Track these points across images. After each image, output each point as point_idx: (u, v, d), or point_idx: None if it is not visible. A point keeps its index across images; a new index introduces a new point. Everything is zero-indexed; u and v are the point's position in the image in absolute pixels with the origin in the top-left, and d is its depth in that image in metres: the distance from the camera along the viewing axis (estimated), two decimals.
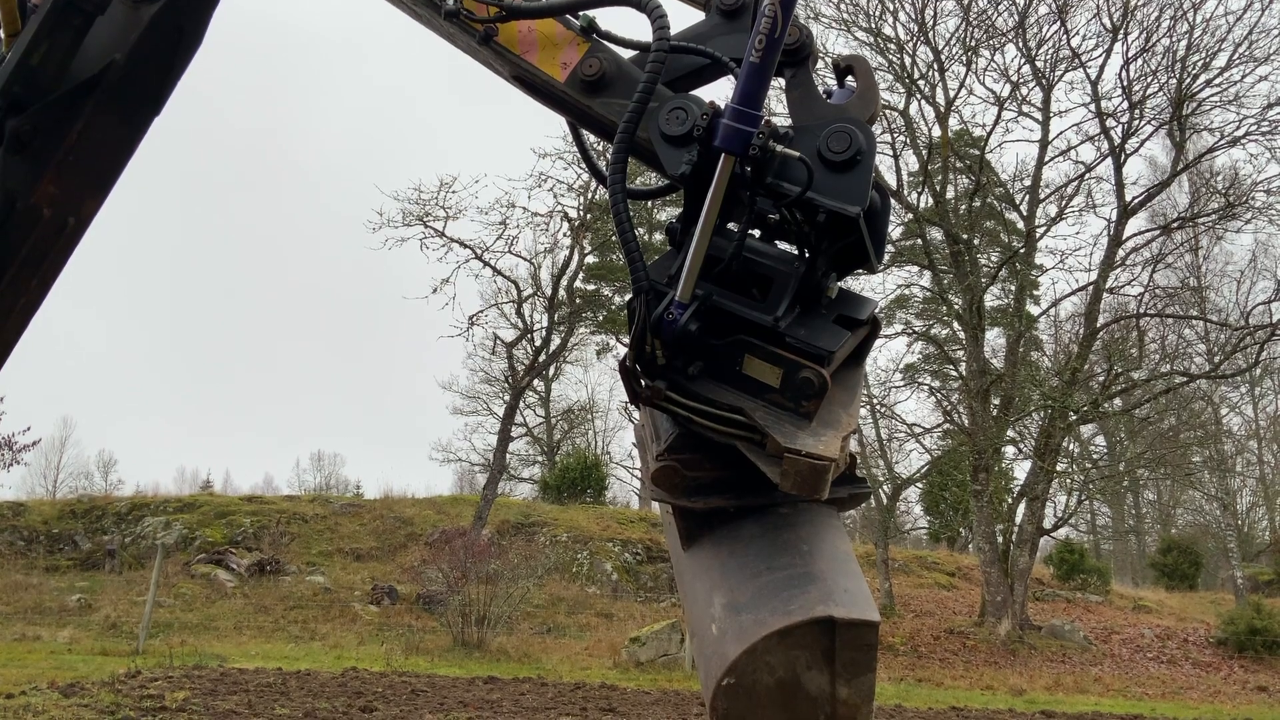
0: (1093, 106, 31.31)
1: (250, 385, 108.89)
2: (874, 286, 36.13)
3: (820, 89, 2.30)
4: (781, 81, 2.30)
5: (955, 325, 34.75)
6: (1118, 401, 33.24)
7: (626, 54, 2.40)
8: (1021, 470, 37.18)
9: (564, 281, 39.52)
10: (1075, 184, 32.52)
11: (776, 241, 2.30)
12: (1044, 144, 32.43)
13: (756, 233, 2.28)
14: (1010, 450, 35.76)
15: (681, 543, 2.28)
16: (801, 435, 2.03)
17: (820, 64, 2.44)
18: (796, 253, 2.25)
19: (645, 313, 2.12)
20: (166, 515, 34.84)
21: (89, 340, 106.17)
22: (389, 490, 53.11)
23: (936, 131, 32.34)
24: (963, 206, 33.29)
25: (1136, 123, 31.05)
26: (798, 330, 2.15)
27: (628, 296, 2.19)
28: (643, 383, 2.18)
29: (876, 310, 2.33)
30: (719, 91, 2.43)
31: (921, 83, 31.88)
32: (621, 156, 2.20)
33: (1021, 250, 32.74)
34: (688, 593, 2.33)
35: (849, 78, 2.31)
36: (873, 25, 31.45)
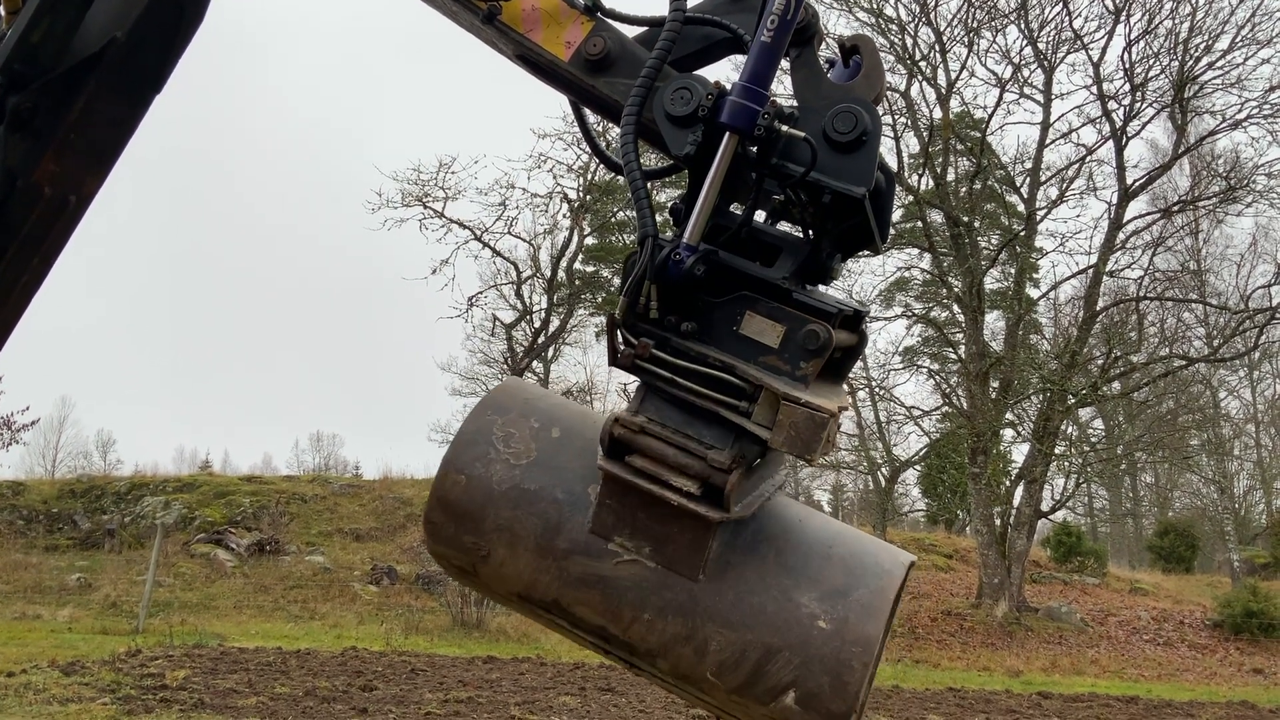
0: (1094, 89, 31.27)
1: (249, 366, 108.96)
2: (874, 269, 36.19)
3: (824, 68, 2.29)
4: (786, 62, 2.29)
5: (955, 308, 34.73)
6: (1116, 385, 33.27)
7: (631, 33, 2.39)
8: (1020, 453, 37.31)
9: (563, 263, 39.52)
10: (1076, 167, 32.49)
11: (780, 223, 2.30)
12: (1045, 126, 32.39)
13: (761, 216, 2.27)
14: (1009, 433, 35.83)
15: (703, 567, 2.12)
16: (797, 392, 2.00)
17: (823, 46, 2.40)
18: (800, 235, 2.24)
19: (649, 258, 2.07)
20: (166, 495, 34.90)
21: (87, 320, 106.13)
22: (388, 471, 53.07)
23: (938, 113, 32.30)
24: (963, 189, 33.24)
25: (1138, 105, 31.01)
26: (803, 292, 2.12)
27: (630, 252, 2.16)
28: (628, 339, 2.10)
29: (867, 319, 2.32)
30: (721, 73, 2.42)
31: (923, 64, 31.82)
32: (638, 102, 2.18)
33: (1022, 233, 32.71)
34: (735, 613, 2.13)
35: (854, 57, 2.30)
36: (874, 6, 31.36)
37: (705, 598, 2.12)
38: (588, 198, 37.59)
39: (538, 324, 39.13)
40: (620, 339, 2.12)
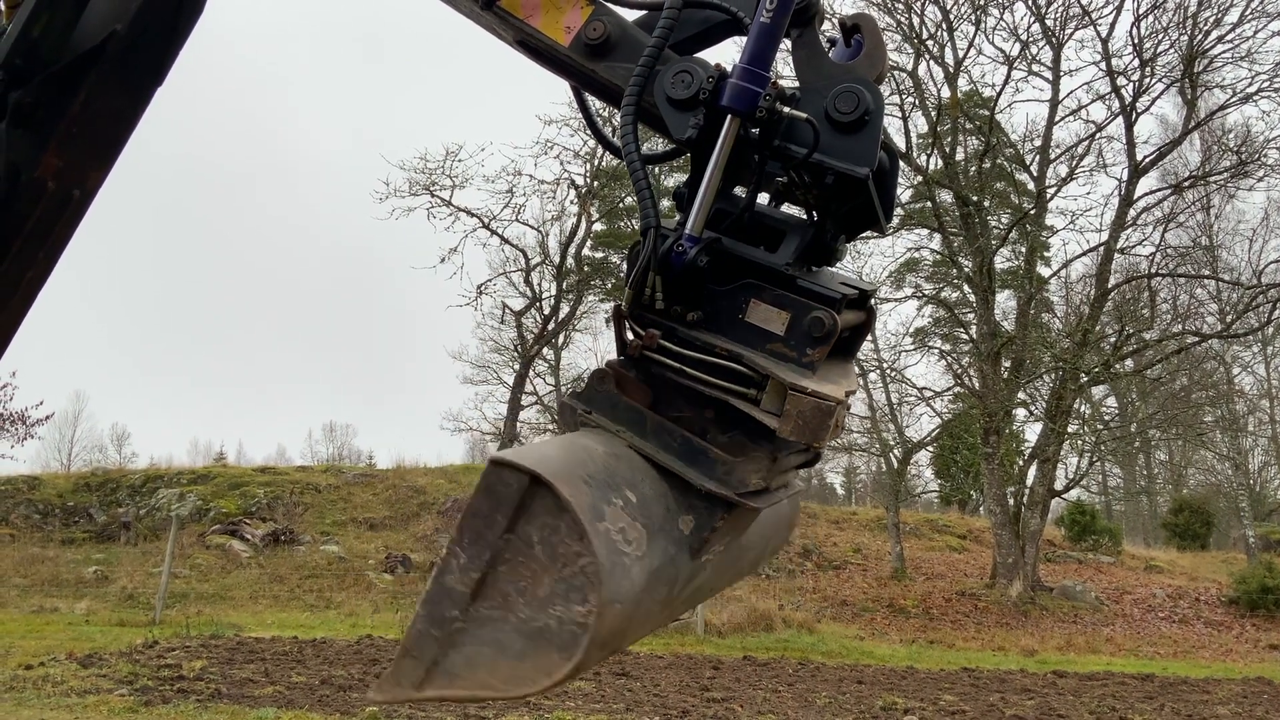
0: (1103, 65, 30.99)
1: (261, 359, 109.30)
2: (884, 250, 36.06)
3: (826, 48, 2.27)
4: (787, 42, 2.27)
5: (965, 288, 34.60)
6: (1129, 362, 33.11)
7: (630, 16, 2.37)
8: (1032, 432, 37.13)
9: (572, 249, 39.47)
10: (1086, 144, 32.25)
11: (784, 205, 2.29)
12: (1054, 103, 32.14)
13: (765, 198, 2.26)
14: (1021, 412, 35.70)
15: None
16: (804, 380, 2.00)
17: (824, 26, 2.38)
18: (804, 216, 2.23)
19: (653, 249, 2.07)
20: (180, 487, 35.05)
21: (101, 314, 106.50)
22: (401, 460, 53.24)
23: (945, 92, 32.09)
24: (972, 168, 33.05)
25: (1147, 81, 30.75)
26: (807, 277, 2.12)
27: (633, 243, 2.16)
28: (636, 329, 2.11)
29: (875, 298, 2.32)
30: (724, 56, 2.40)
31: (930, 42, 31.59)
32: (638, 87, 2.17)
33: (1032, 211, 32.54)
34: (710, 584, 2.29)
35: (855, 36, 2.28)
36: None
37: (700, 571, 2.22)
38: (595, 184, 37.54)
39: (547, 311, 39.14)
40: (629, 330, 2.12)
